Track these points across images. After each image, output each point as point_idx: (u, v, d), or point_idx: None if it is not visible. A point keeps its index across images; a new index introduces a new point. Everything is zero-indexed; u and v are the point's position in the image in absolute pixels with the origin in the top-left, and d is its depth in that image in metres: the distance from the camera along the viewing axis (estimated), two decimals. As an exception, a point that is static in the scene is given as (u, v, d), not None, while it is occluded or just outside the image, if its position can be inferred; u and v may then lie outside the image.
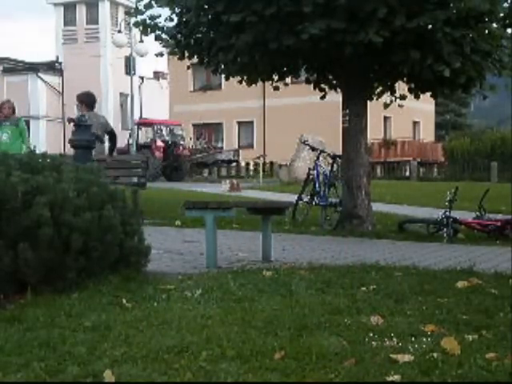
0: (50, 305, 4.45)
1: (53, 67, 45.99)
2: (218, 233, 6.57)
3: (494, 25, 9.92)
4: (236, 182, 22.74)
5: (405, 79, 10.64)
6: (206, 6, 9.81)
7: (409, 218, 11.43)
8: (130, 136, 32.32)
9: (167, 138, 33.50)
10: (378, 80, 10.77)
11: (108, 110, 45.17)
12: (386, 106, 11.11)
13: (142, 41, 27.56)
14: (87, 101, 10.59)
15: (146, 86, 45.73)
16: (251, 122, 43.76)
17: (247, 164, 37.23)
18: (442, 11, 9.00)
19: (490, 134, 39.44)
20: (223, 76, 10.86)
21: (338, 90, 10.90)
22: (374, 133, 31.64)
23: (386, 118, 41.90)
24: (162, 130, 34.08)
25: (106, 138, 10.83)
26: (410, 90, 10.86)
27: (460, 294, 4.78)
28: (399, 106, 11.11)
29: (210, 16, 9.81)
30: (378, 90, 10.95)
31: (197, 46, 10.36)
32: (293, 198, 11.83)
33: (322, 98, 11.27)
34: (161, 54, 11.31)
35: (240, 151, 38.87)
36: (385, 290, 4.88)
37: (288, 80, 11.41)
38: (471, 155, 36.11)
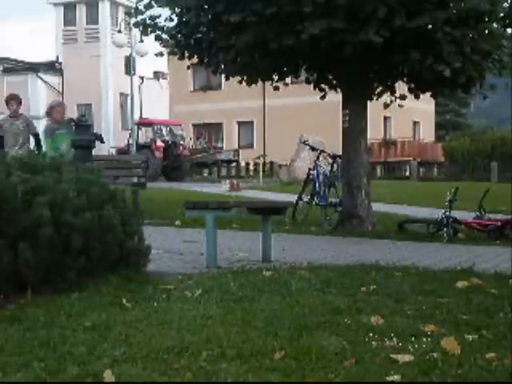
0: (50, 305, 4.45)
1: (53, 67, 45.97)
2: (218, 233, 6.57)
3: (494, 25, 9.91)
4: (236, 181, 22.73)
5: (405, 79, 10.64)
6: (206, 6, 9.81)
7: (409, 217, 11.42)
8: (129, 136, 32.31)
9: (167, 138, 33.48)
10: (378, 80, 10.77)
11: (108, 110, 45.22)
12: (386, 106, 11.10)
13: (142, 41, 27.54)
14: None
15: (146, 86, 45.68)
16: (251, 122, 43.75)
17: (247, 164, 37.21)
18: (442, 11, 9.00)
19: (490, 134, 39.41)
20: (223, 76, 10.86)
21: (338, 89, 10.90)
22: (374, 133, 31.61)
23: (385, 118, 41.89)
24: (161, 130, 34.05)
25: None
26: (410, 90, 10.85)
27: (460, 294, 4.78)
28: (399, 106, 11.10)
29: (210, 16, 9.81)
30: (378, 89, 10.94)
31: (197, 45, 10.36)
32: (293, 198, 11.82)
33: (322, 98, 11.26)
34: (161, 54, 11.31)
35: (240, 151, 38.84)
36: (385, 289, 4.88)
37: (288, 80, 11.40)
38: (471, 155, 36.09)
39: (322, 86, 11.07)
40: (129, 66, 32.41)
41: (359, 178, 10.44)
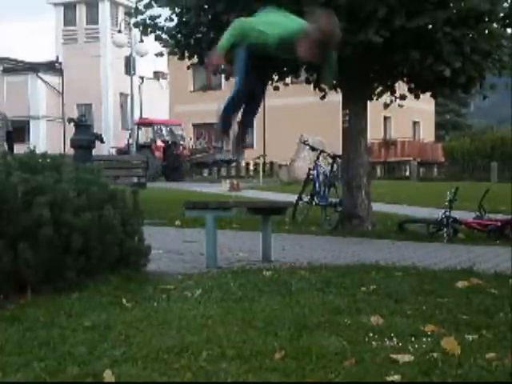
0: (50, 305, 4.44)
1: (53, 67, 46.01)
2: (218, 233, 6.56)
3: (494, 25, 9.92)
4: (236, 181, 22.74)
5: (405, 79, 10.64)
6: (206, 6, 9.81)
7: (409, 218, 11.42)
8: (130, 136, 32.32)
9: (167, 138, 33.48)
10: (378, 80, 10.77)
11: (108, 110, 45.22)
12: (386, 106, 11.11)
13: (142, 41, 27.56)
14: None
15: (146, 86, 45.70)
16: (251, 122, 43.71)
17: (247, 164, 37.22)
18: (442, 11, 9.00)
19: (490, 134, 39.44)
20: (223, 76, 10.85)
21: (338, 89, 10.90)
22: (374, 133, 31.63)
23: (386, 118, 41.91)
24: (161, 130, 34.05)
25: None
26: (410, 90, 10.86)
27: (460, 294, 4.78)
28: (399, 106, 11.10)
29: (210, 16, 9.82)
30: (378, 89, 10.95)
31: (197, 45, 10.36)
32: (293, 198, 11.82)
33: (322, 98, 11.26)
34: (161, 54, 11.32)
35: (240, 151, 38.78)
36: (385, 289, 4.88)
37: (288, 80, 11.39)
38: (471, 155, 36.12)
39: (322, 86, 11.07)
40: (129, 66, 32.43)
41: (359, 178, 10.44)
